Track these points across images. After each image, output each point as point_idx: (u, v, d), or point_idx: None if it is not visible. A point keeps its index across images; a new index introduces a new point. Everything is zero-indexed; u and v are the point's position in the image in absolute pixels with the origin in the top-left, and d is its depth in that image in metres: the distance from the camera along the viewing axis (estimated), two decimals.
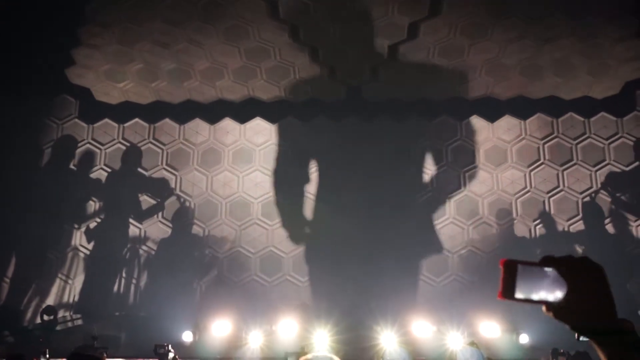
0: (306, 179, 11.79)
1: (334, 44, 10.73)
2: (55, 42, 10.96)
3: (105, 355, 6.38)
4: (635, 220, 11.34)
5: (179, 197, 11.73)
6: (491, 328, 9.64)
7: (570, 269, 1.15)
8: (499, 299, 1.15)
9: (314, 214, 11.48)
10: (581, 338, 1.14)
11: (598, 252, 11.03)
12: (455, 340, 9.05)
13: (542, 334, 8.89)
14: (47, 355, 5.09)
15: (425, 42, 10.67)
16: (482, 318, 9.71)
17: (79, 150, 11.92)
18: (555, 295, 1.14)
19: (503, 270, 1.16)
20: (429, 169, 11.85)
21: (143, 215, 11.63)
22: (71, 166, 11.85)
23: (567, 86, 11.66)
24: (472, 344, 2.80)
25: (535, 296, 1.15)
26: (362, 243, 10.95)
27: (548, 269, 1.16)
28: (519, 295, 1.15)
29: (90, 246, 11.38)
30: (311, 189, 11.70)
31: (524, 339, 9.44)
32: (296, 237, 11.49)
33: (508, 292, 1.15)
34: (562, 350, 7.30)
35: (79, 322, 10.78)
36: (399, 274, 10.89)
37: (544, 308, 1.16)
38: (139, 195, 11.73)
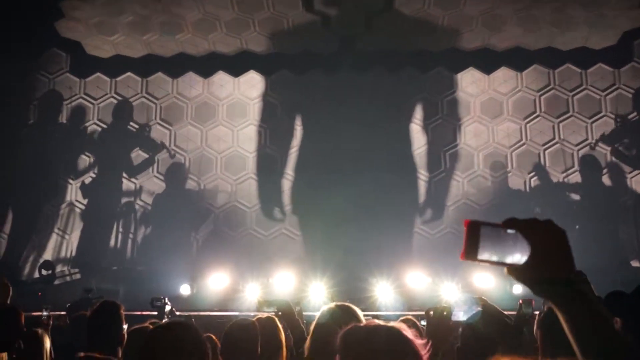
0: (299, 133, 11.74)
1: None
2: None
3: None
4: (630, 172, 11.36)
5: (169, 152, 11.65)
6: (485, 279, 9.76)
7: (533, 232, 1.13)
8: (461, 259, 1.13)
9: (308, 169, 11.45)
10: None
11: (592, 203, 11.10)
12: (449, 290, 9.17)
13: None
14: (49, 309, 5.14)
15: None
16: (476, 269, 9.82)
17: (71, 105, 11.80)
18: (518, 257, 1.13)
19: (466, 231, 1.14)
20: (424, 122, 11.78)
21: (137, 170, 11.60)
22: (64, 121, 11.75)
23: (563, 37, 11.51)
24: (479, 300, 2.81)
25: (498, 258, 1.13)
26: (357, 196, 10.96)
27: (511, 231, 1.14)
28: (481, 256, 1.13)
29: (85, 201, 11.39)
30: (306, 142, 11.66)
31: (518, 289, 9.56)
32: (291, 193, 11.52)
33: (471, 253, 1.13)
34: None
35: (77, 276, 10.86)
36: (394, 226, 10.94)
37: (505, 270, 1.15)
38: (133, 149, 11.68)
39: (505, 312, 3.20)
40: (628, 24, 11.23)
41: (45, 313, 5.10)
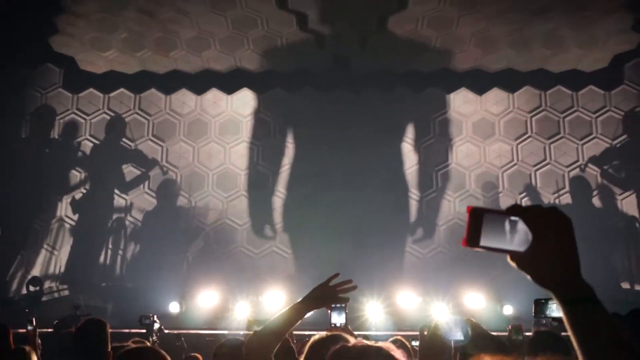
0: (292, 151, 11.74)
1: (323, 13, 10.58)
2: (38, 9, 10.72)
3: None
4: (621, 194, 11.41)
5: (162, 168, 11.63)
6: (476, 299, 9.73)
7: (537, 219, 1.11)
8: (463, 246, 1.12)
9: (300, 187, 11.44)
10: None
11: (582, 224, 11.11)
12: (440, 310, 9.13)
13: (526, 305, 8.97)
14: (34, 323, 5.06)
15: (415, 13, 10.55)
16: (467, 289, 9.80)
17: (63, 120, 11.76)
18: (520, 244, 1.11)
19: (469, 218, 1.13)
20: (416, 141, 11.81)
21: (129, 186, 11.55)
22: (55, 136, 11.71)
23: (556, 59, 11.61)
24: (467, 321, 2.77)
25: (500, 245, 1.12)
26: (348, 215, 10.95)
27: (515, 218, 1.12)
28: (483, 243, 1.12)
29: (75, 217, 11.31)
30: (297, 160, 11.65)
31: (508, 310, 9.54)
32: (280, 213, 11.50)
33: (473, 239, 1.12)
34: (544, 321, 7.39)
35: (65, 292, 10.75)
36: (385, 245, 10.91)
37: (508, 257, 1.13)
38: (125, 166, 11.63)
39: (495, 333, 3.18)
40: (619, 47, 11.34)
41: (30, 327, 5.03)
